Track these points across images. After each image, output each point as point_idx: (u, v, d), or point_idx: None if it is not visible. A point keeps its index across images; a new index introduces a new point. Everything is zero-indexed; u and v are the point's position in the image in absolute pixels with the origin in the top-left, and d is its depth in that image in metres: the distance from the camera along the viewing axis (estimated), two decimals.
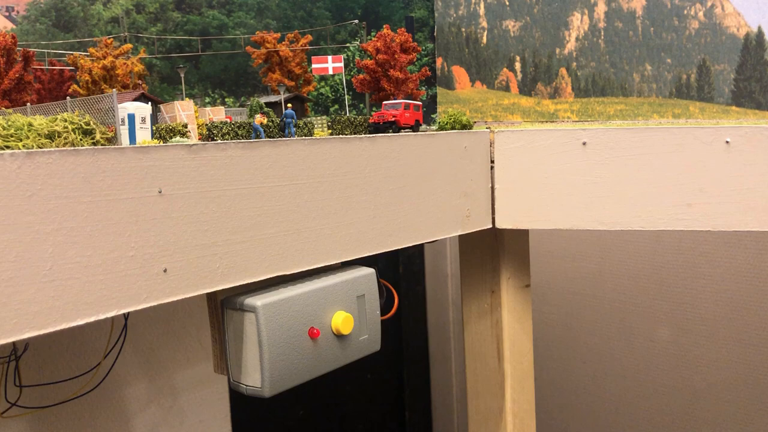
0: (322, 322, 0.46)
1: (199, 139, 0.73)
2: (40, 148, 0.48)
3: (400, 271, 1.74)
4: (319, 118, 0.84)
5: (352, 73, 0.75)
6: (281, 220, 0.54)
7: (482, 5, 0.78)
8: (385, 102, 0.69)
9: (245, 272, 0.49)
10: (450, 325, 1.80)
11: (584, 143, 0.63)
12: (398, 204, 0.57)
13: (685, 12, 0.73)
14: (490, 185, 0.66)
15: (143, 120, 0.66)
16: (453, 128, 0.67)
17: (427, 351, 1.85)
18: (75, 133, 0.52)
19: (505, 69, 0.79)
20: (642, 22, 0.74)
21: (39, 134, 0.51)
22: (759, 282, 1.26)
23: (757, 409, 1.28)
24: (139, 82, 0.89)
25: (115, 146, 0.46)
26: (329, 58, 0.72)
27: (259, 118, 0.70)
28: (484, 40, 0.79)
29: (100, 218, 0.42)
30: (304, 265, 0.52)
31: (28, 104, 0.70)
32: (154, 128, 0.68)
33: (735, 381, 1.30)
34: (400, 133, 0.62)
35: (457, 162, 0.63)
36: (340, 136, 0.62)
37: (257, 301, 0.47)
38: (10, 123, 0.50)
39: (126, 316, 0.66)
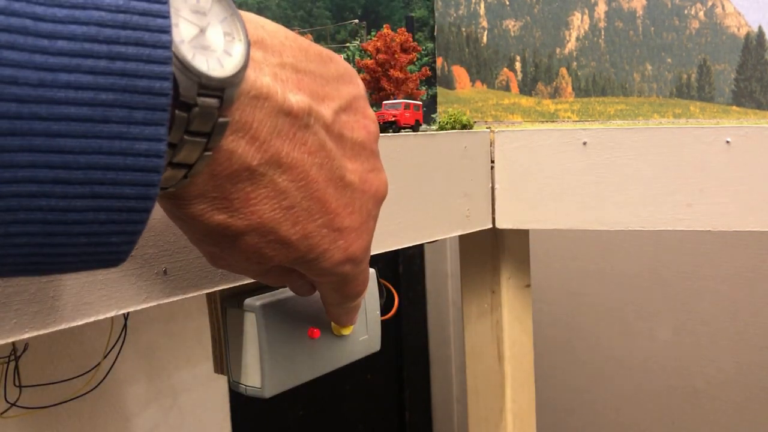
0: (322, 323, 0.46)
1: None
2: None
3: (400, 271, 1.74)
4: None
5: None
6: None
7: (482, 5, 0.78)
8: (385, 102, 0.69)
9: None
10: (450, 325, 1.80)
11: (585, 143, 0.63)
12: (398, 204, 0.57)
13: (686, 12, 0.72)
14: (490, 185, 0.66)
15: None
16: (453, 128, 0.67)
17: (427, 351, 1.85)
18: None
19: (505, 69, 0.78)
20: (642, 22, 0.74)
21: None
22: (759, 282, 1.26)
23: (757, 409, 1.28)
24: None
25: None
26: None
27: None
28: (485, 39, 0.79)
29: None
30: None
31: None
32: None
33: (736, 381, 1.30)
34: (400, 133, 0.62)
35: (457, 162, 0.63)
36: None
37: (257, 301, 0.47)
38: None
39: (126, 316, 0.66)
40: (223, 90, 0.24)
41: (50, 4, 0.19)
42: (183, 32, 0.23)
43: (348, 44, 0.78)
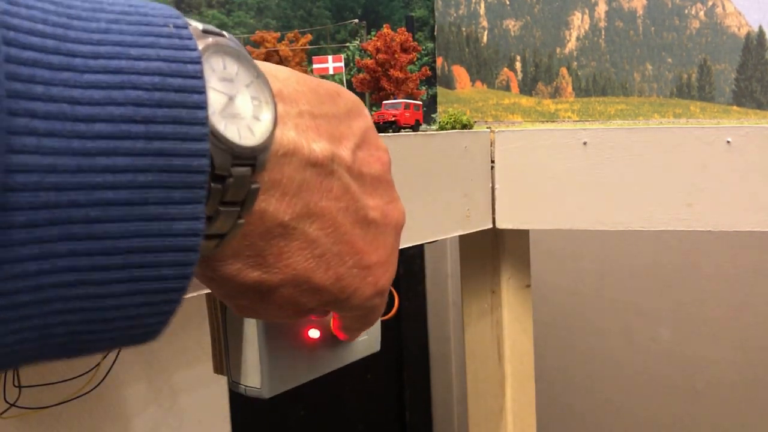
0: (322, 323, 0.46)
1: None
2: None
3: (400, 271, 1.74)
4: None
5: (352, 72, 0.75)
6: None
7: (482, 5, 0.78)
8: (385, 102, 0.69)
9: None
10: (450, 325, 1.80)
11: (585, 143, 0.63)
12: None
13: (686, 11, 0.72)
14: (491, 185, 0.66)
15: None
16: (453, 128, 0.67)
17: (427, 351, 1.85)
18: None
19: (505, 69, 0.78)
20: (643, 22, 0.74)
21: None
22: (760, 282, 1.26)
23: (758, 409, 1.28)
24: None
25: None
26: (329, 58, 0.71)
27: None
28: (485, 39, 0.79)
29: None
30: None
31: None
32: None
33: (737, 381, 1.30)
34: (400, 133, 0.62)
35: (457, 162, 0.63)
36: None
37: None
38: None
39: None
40: (255, 157, 0.24)
41: (87, 86, 0.19)
42: (213, 103, 0.23)
43: (348, 44, 0.77)
